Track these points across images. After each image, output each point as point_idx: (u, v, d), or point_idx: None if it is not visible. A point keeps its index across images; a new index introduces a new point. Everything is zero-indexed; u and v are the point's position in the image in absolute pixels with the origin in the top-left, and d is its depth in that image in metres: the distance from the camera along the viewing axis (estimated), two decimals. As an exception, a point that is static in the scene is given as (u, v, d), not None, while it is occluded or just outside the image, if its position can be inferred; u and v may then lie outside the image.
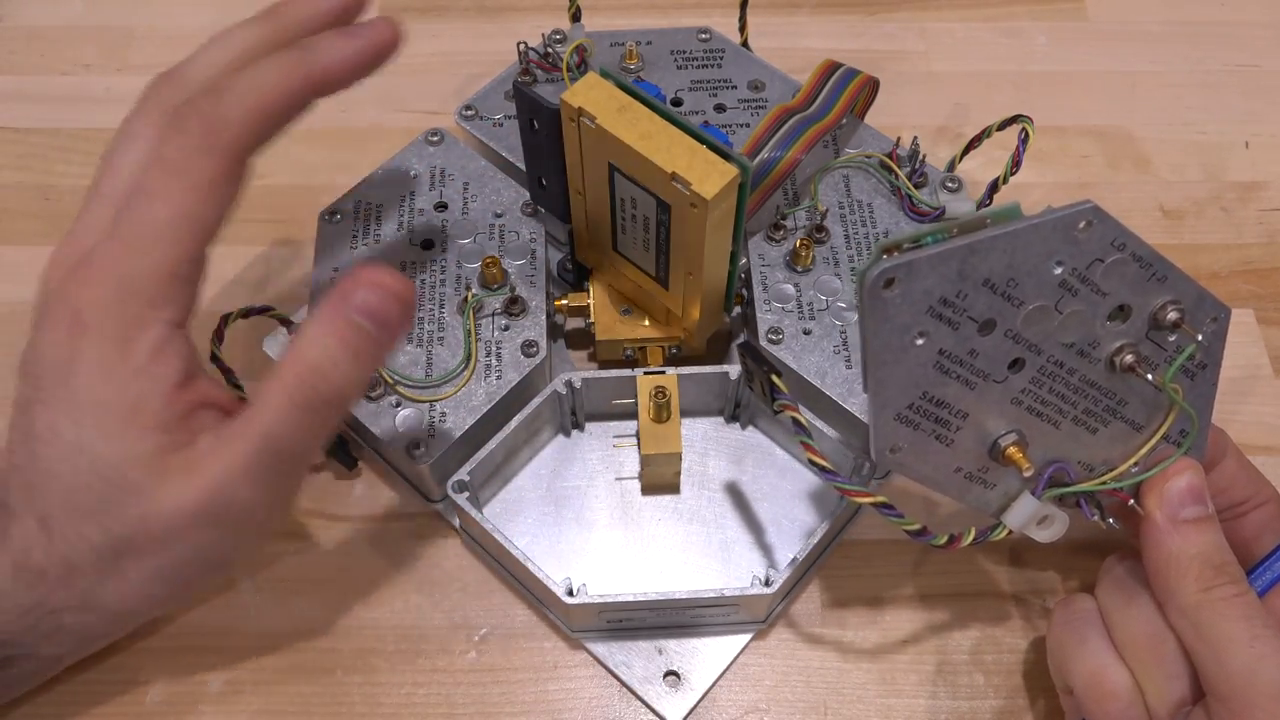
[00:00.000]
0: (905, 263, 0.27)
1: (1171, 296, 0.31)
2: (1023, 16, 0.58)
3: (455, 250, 0.42)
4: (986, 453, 0.31)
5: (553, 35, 0.47)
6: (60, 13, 0.58)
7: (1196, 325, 0.32)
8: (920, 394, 0.29)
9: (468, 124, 0.46)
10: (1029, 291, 0.29)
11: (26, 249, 0.49)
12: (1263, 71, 0.56)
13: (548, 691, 0.38)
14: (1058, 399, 0.31)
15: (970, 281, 0.28)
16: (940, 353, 0.29)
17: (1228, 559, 0.31)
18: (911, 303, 0.28)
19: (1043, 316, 0.30)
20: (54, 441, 0.30)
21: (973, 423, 0.31)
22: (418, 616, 0.39)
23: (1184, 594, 0.30)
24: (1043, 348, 0.30)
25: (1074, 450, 0.32)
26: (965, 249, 0.28)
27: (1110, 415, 0.32)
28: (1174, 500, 0.32)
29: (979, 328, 0.29)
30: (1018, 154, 0.41)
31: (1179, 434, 0.33)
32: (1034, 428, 0.31)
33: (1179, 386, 0.32)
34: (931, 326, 0.28)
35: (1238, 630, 0.29)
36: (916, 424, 0.30)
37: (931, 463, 0.31)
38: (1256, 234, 0.50)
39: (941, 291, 0.28)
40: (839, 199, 0.43)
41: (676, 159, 0.33)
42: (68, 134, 0.53)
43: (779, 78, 0.47)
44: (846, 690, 0.38)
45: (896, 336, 0.28)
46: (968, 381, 0.30)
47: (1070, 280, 0.29)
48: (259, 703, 0.37)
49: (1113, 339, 0.31)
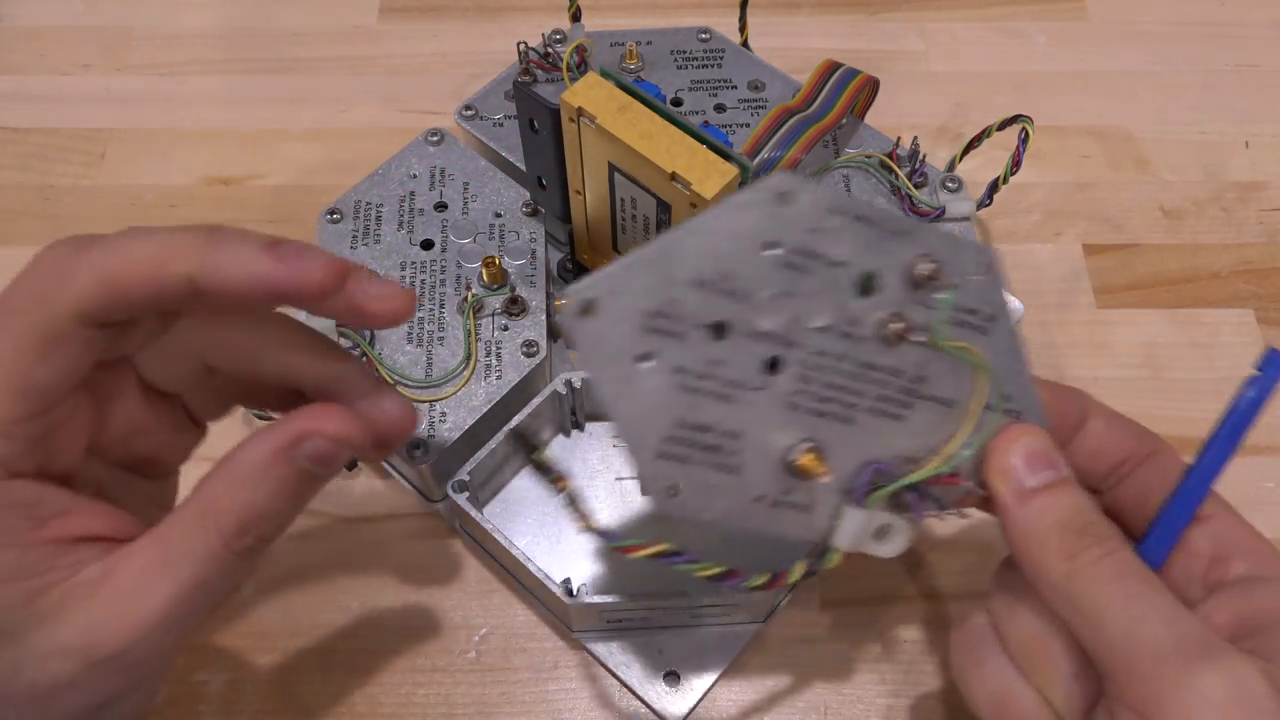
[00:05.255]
0: (597, 281, 0.24)
1: (920, 250, 0.28)
2: (1023, 16, 0.58)
3: (455, 250, 0.42)
4: (782, 471, 0.27)
5: (553, 35, 0.47)
6: (60, 13, 0.58)
7: (960, 274, 0.28)
8: (673, 422, 0.26)
9: (468, 124, 0.46)
10: (751, 281, 0.26)
11: (26, 249, 0.48)
12: (1263, 71, 0.56)
13: (548, 691, 0.38)
14: (840, 392, 0.28)
15: (678, 285, 0.25)
16: (677, 371, 0.26)
17: (1091, 519, 0.28)
18: (620, 324, 0.25)
19: (780, 304, 0.26)
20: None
21: (751, 441, 0.27)
22: (417, 616, 0.39)
23: (1049, 570, 0.27)
24: (797, 339, 0.27)
25: (887, 445, 0.29)
26: (657, 251, 0.25)
27: (911, 396, 0.28)
28: (1016, 471, 0.28)
29: (711, 333, 0.26)
30: (1018, 154, 0.41)
31: (1008, 402, 0.30)
32: (827, 430, 0.28)
33: (968, 345, 0.28)
34: (654, 344, 0.25)
35: (1111, 594, 0.26)
36: (685, 458, 0.26)
37: (724, 498, 0.27)
38: (1256, 234, 0.50)
39: (648, 304, 0.25)
40: (839, 199, 0.43)
41: (676, 159, 0.33)
42: (68, 134, 0.53)
43: (779, 78, 0.47)
44: (846, 690, 0.38)
45: (617, 366, 0.25)
46: (723, 396, 0.26)
47: (794, 259, 0.26)
48: (259, 703, 0.37)
49: (874, 311, 0.27)
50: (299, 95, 0.54)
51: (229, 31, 0.57)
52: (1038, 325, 0.47)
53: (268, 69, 0.56)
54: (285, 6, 0.58)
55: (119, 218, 0.50)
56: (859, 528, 0.28)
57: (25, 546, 0.26)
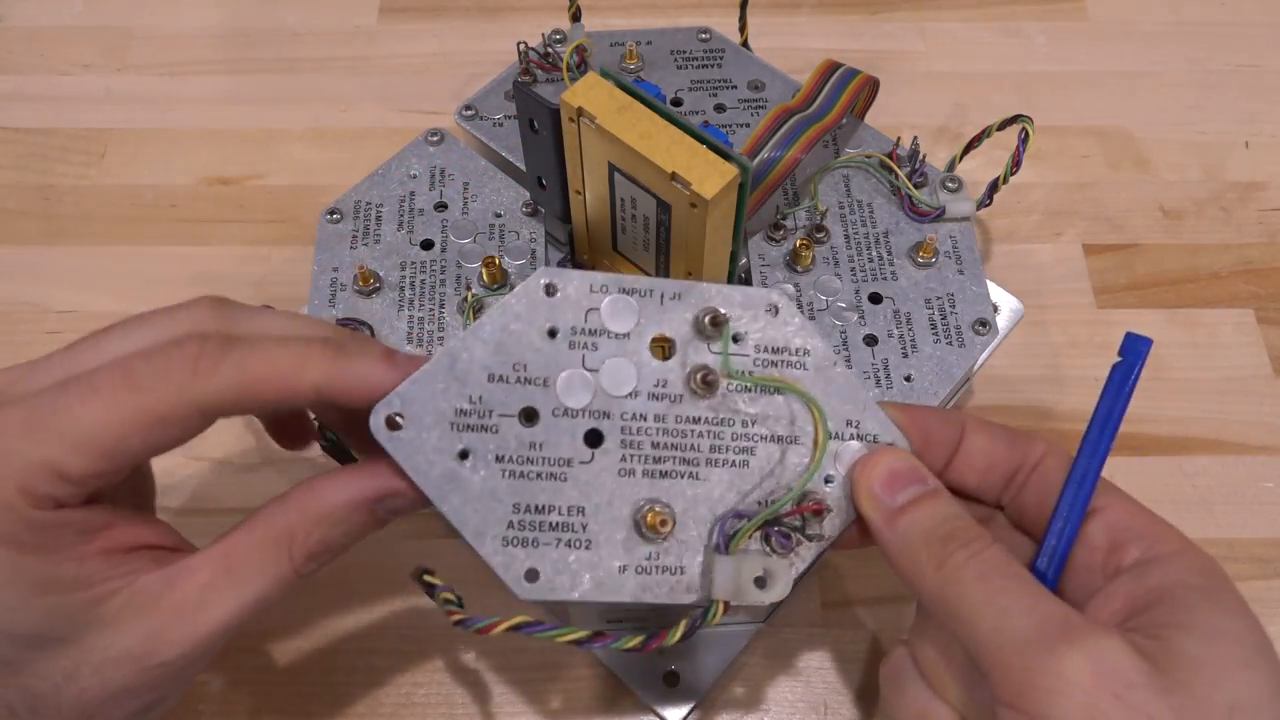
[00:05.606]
0: (392, 397, 0.27)
1: (701, 307, 0.29)
2: (1023, 16, 0.58)
3: (455, 250, 0.42)
4: (635, 536, 0.28)
5: (553, 35, 0.47)
6: (60, 13, 0.58)
7: (748, 320, 0.30)
8: (511, 509, 0.27)
9: (468, 124, 0.46)
10: (544, 366, 0.28)
11: (26, 249, 0.49)
12: (1263, 71, 0.56)
13: (548, 691, 0.38)
14: (672, 450, 0.29)
15: (473, 384, 0.27)
16: (499, 460, 0.28)
17: (957, 525, 0.28)
18: (429, 429, 0.27)
19: (580, 382, 0.28)
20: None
21: (596, 514, 0.28)
22: (418, 616, 0.39)
23: (925, 582, 0.27)
24: (608, 409, 0.28)
25: (740, 491, 0.29)
26: (444, 357, 0.27)
27: (746, 440, 0.29)
28: (881, 494, 0.29)
29: (522, 420, 0.28)
30: (1018, 154, 0.41)
31: (856, 428, 0.30)
32: (669, 490, 0.29)
33: (780, 376, 0.29)
34: (468, 441, 0.27)
35: (978, 594, 0.26)
36: (532, 540, 0.27)
37: (587, 573, 0.28)
38: (1256, 234, 0.50)
39: (450, 405, 0.27)
40: (839, 199, 0.43)
41: (676, 159, 0.33)
42: (67, 134, 0.53)
43: (779, 78, 0.47)
44: (846, 690, 0.38)
45: (438, 467, 0.27)
46: (554, 475, 0.28)
47: (579, 338, 0.28)
48: (259, 703, 0.37)
49: (675, 370, 0.29)
50: (299, 95, 0.54)
51: (229, 31, 0.57)
52: (1038, 325, 0.47)
53: (268, 69, 0.56)
54: (285, 6, 0.58)
55: (119, 218, 0.50)
56: (730, 575, 0.28)
57: (80, 559, 0.27)
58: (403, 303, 0.40)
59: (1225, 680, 0.24)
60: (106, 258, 0.49)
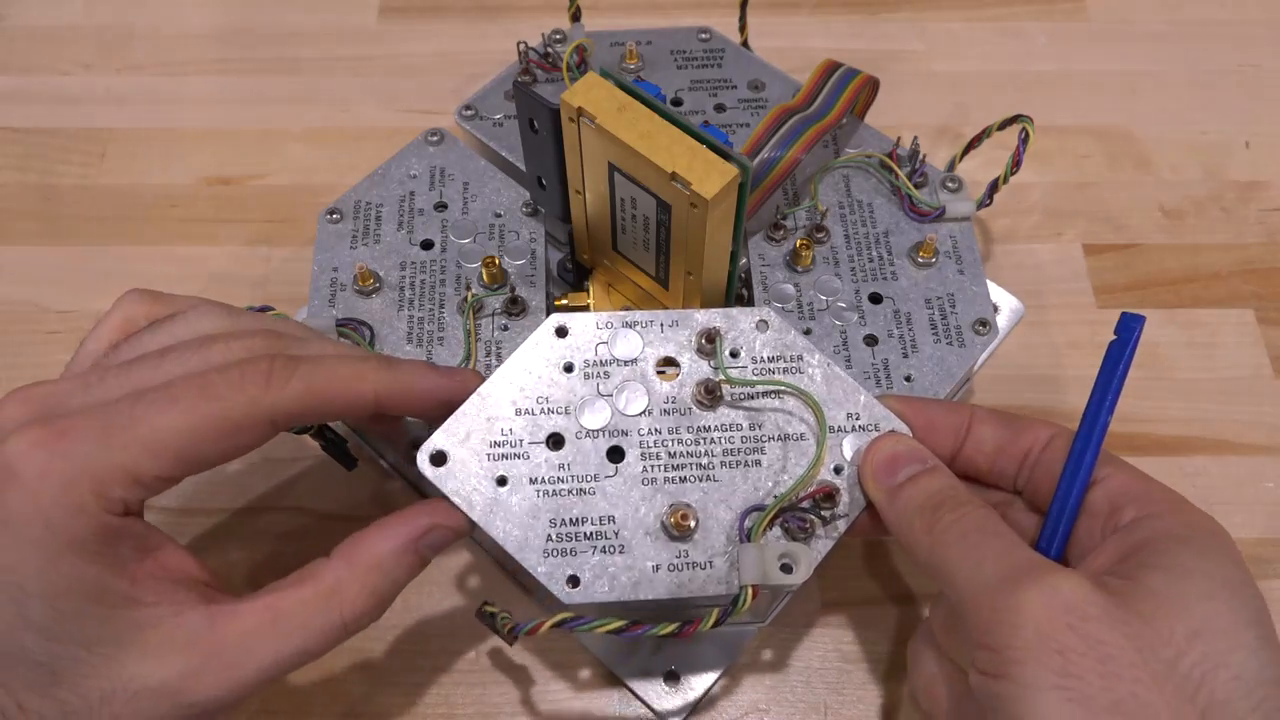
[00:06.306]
0: (436, 437, 0.31)
1: (697, 329, 0.33)
2: (1023, 16, 0.58)
3: (455, 250, 0.42)
4: (664, 536, 0.31)
5: (553, 35, 0.47)
6: (60, 13, 0.58)
7: (740, 336, 0.33)
8: (548, 523, 0.31)
9: (468, 124, 0.46)
10: (564, 397, 0.32)
11: (26, 249, 0.49)
12: (1263, 71, 0.56)
13: (548, 691, 0.38)
14: (688, 458, 0.32)
15: (503, 419, 0.31)
16: (533, 482, 0.31)
17: (949, 494, 0.30)
18: (469, 462, 0.31)
19: (598, 407, 0.32)
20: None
21: (626, 521, 0.31)
22: (418, 616, 0.39)
23: (919, 547, 0.29)
24: (626, 427, 0.32)
25: (756, 488, 0.32)
26: (477, 399, 0.32)
27: (755, 442, 0.32)
28: (883, 474, 0.31)
29: (549, 445, 0.31)
30: (1018, 154, 0.41)
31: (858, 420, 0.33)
32: (689, 493, 0.31)
33: (776, 376, 0.33)
34: (505, 468, 0.31)
35: (959, 551, 0.28)
36: (572, 550, 0.31)
37: (625, 574, 0.30)
38: (1256, 234, 0.50)
39: (485, 439, 0.31)
40: (839, 199, 0.43)
41: (676, 159, 0.33)
42: (68, 134, 0.53)
43: (779, 78, 0.47)
44: (846, 690, 0.38)
45: (482, 494, 0.31)
46: (584, 490, 0.31)
47: (592, 369, 0.32)
48: (259, 703, 0.37)
49: (682, 386, 0.33)
50: (299, 95, 0.54)
51: (229, 31, 0.57)
52: (1038, 325, 0.47)
53: (268, 69, 0.56)
54: (285, 6, 0.58)
55: (119, 217, 0.50)
56: (755, 562, 0.30)
57: (134, 579, 0.28)
58: (402, 303, 0.40)
59: (1185, 612, 0.25)
60: (106, 258, 0.49)
